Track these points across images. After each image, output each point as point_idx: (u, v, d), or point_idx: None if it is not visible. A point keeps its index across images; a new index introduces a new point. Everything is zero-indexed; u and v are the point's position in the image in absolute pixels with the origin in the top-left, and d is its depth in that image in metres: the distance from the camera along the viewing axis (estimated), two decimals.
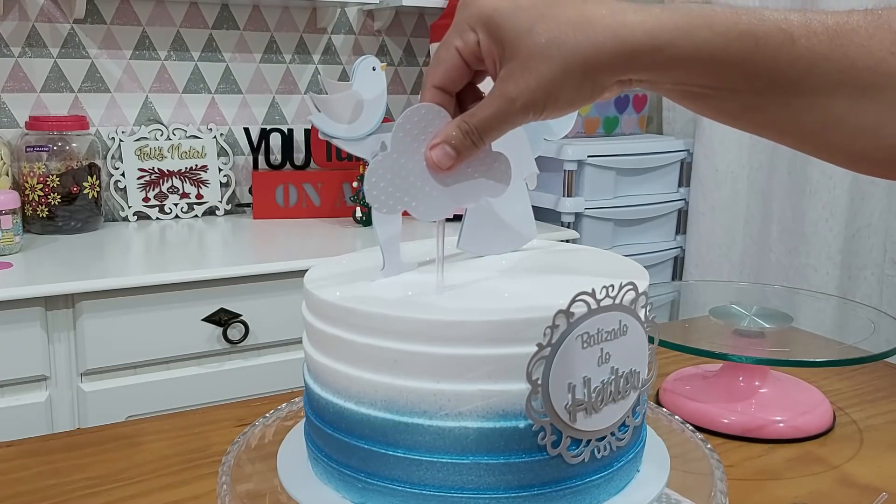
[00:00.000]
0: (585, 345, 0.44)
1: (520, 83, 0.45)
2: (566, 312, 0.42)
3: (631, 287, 0.45)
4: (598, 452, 0.46)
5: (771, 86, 0.44)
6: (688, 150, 2.03)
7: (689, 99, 0.47)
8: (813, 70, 0.43)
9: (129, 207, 1.80)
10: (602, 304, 0.44)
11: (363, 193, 1.93)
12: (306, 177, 1.86)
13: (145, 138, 1.82)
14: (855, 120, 0.44)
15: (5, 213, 1.43)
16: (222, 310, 1.40)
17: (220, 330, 1.41)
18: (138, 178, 1.81)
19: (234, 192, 1.92)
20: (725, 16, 0.43)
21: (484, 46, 0.46)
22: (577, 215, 1.87)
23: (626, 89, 0.48)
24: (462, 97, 0.50)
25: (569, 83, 0.44)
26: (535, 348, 0.42)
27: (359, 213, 1.77)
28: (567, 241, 1.73)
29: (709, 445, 0.58)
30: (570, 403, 0.44)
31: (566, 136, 0.61)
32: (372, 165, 0.47)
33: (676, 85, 0.46)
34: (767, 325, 0.82)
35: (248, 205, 1.93)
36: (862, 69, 0.43)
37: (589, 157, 1.86)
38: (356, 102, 0.54)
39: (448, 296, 0.49)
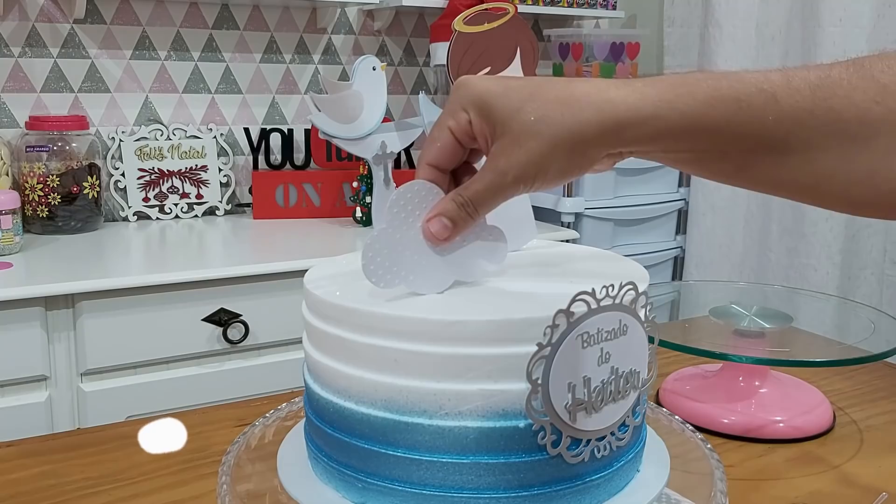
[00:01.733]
0: (585, 344, 0.44)
1: (511, 158, 0.46)
2: (566, 312, 0.42)
3: (631, 287, 0.45)
4: (598, 452, 0.46)
5: (759, 145, 0.45)
6: None
7: (682, 163, 0.49)
8: (799, 126, 0.44)
9: (129, 207, 1.80)
10: (602, 303, 0.44)
11: (363, 193, 1.92)
12: (306, 177, 1.86)
13: (145, 138, 1.82)
14: (848, 169, 0.45)
15: (5, 213, 1.43)
16: (222, 310, 1.40)
17: (220, 330, 1.41)
18: (138, 178, 1.80)
19: (234, 192, 1.92)
20: (707, 83, 0.45)
21: (475, 125, 0.48)
22: (577, 215, 1.87)
23: (617, 161, 0.49)
24: (458, 175, 0.52)
25: (557, 157, 0.46)
26: (536, 348, 0.42)
27: (359, 213, 1.77)
28: (567, 241, 1.73)
29: (709, 445, 0.58)
30: (570, 403, 0.44)
31: None
32: (368, 242, 0.48)
33: (667, 153, 0.47)
34: (767, 325, 0.82)
35: (248, 205, 1.93)
36: (848, 120, 0.44)
37: None
38: (356, 102, 0.54)
39: (448, 295, 0.49)
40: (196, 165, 1.86)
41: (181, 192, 1.84)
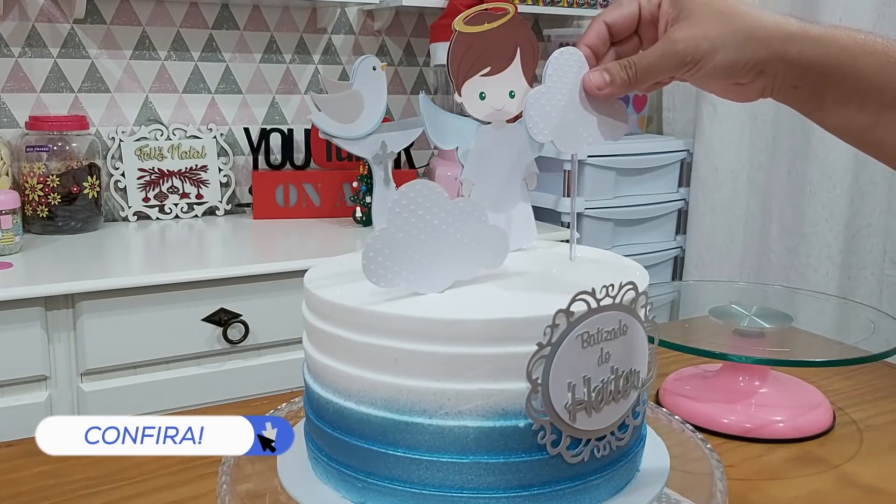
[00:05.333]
0: (585, 344, 0.44)
1: (686, 32, 0.52)
2: (566, 312, 0.42)
3: (631, 287, 0.45)
4: (598, 452, 0.46)
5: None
6: (688, 150, 2.03)
7: (814, 107, 0.54)
8: None
9: (129, 207, 1.80)
10: (602, 303, 0.44)
11: (363, 193, 1.92)
12: (306, 177, 1.86)
13: (145, 138, 1.81)
14: None
15: (5, 213, 1.43)
16: (222, 310, 1.40)
17: (220, 330, 1.41)
18: (138, 178, 1.80)
19: (234, 192, 1.92)
20: (862, 37, 0.51)
21: (664, 8, 0.54)
22: (577, 215, 1.87)
23: (760, 84, 0.53)
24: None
25: (730, 43, 0.51)
26: (536, 347, 0.42)
27: (359, 213, 1.77)
28: (567, 241, 1.72)
29: (709, 445, 0.58)
30: (570, 403, 0.44)
31: None
32: (369, 242, 0.48)
33: (810, 87, 0.52)
34: (767, 325, 0.82)
35: (248, 205, 1.93)
36: None
37: (589, 157, 1.85)
38: (356, 102, 0.54)
39: (448, 295, 0.49)
40: (196, 165, 1.86)
41: (181, 192, 1.84)
